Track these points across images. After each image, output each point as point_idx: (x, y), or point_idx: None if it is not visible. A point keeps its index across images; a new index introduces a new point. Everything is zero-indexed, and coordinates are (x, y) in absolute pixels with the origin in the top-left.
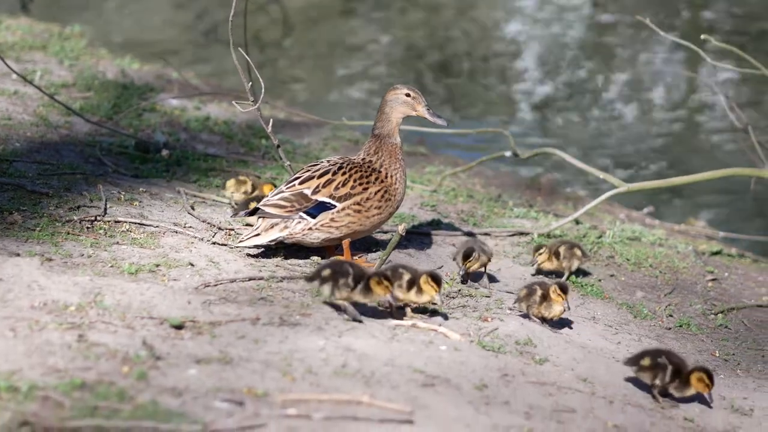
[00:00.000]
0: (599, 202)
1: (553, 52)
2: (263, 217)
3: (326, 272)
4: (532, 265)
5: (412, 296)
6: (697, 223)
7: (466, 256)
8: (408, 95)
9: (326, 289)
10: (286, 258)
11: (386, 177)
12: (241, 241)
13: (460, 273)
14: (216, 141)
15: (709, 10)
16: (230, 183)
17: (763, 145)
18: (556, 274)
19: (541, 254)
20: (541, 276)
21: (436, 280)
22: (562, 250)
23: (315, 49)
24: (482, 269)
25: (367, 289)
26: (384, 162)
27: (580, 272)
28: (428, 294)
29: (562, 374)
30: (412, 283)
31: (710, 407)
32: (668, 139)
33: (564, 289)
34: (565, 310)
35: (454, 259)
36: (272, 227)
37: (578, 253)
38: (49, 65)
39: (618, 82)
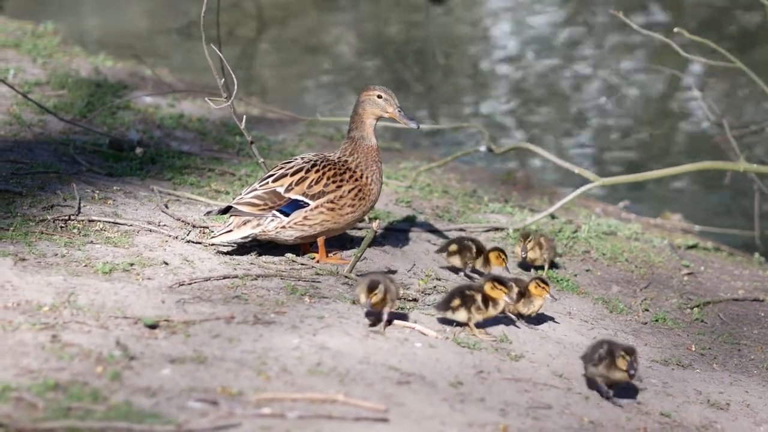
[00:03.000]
0: (574, 197)
1: (529, 47)
2: (237, 216)
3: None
4: (523, 253)
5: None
6: (673, 216)
7: (371, 288)
8: (380, 96)
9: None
10: (260, 256)
11: (361, 177)
12: (213, 237)
13: (365, 309)
14: (190, 138)
15: (683, 5)
16: None
17: (737, 138)
18: (536, 266)
19: (530, 241)
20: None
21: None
22: (543, 240)
23: (289, 44)
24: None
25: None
26: (360, 163)
27: (555, 266)
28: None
29: (538, 370)
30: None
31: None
32: (643, 133)
33: (546, 282)
34: (551, 300)
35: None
36: (245, 224)
37: (553, 244)
38: (23, 63)
39: (594, 76)
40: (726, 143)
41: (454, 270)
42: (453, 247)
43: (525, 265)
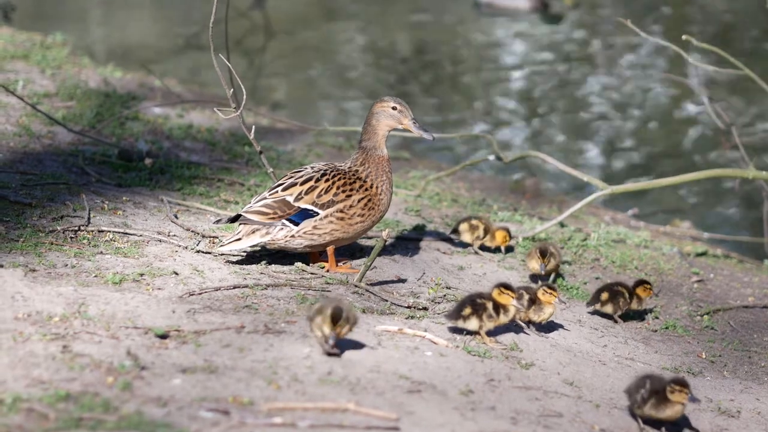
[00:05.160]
0: (584, 205)
1: (536, 54)
2: (246, 224)
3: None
4: (542, 272)
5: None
6: (682, 224)
7: (335, 318)
8: (394, 108)
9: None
10: (270, 265)
11: (371, 186)
12: (222, 246)
13: (329, 343)
14: (199, 149)
15: (690, 11)
16: (464, 227)
17: (746, 145)
18: (543, 277)
19: (548, 258)
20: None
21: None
22: (553, 250)
23: (297, 55)
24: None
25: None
26: (370, 173)
27: (566, 275)
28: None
29: (549, 378)
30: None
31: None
32: (652, 140)
33: (553, 288)
34: (559, 304)
35: (311, 320)
36: (254, 232)
37: (560, 252)
38: (31, 75)
39: (601, 84)
40: (735, 150)
41: (608, 316)
42: (605, 296)
43: (532, 276)
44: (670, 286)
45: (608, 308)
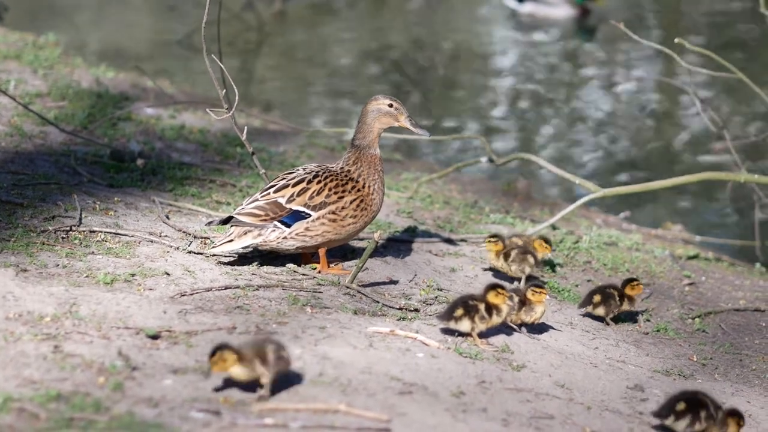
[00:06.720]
0: (575, 207)
1: (528, 57)
2: (238, 226)
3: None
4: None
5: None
6: (674, 227)
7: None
8: (390, 105)
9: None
10: (261, 266)
11: (363, 186)
12: (214, 247)
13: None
14: (191, 150)
15: (683, 15)
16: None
17: (738, 149)
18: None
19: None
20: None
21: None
22: (513, 253)
23: (290, 56)
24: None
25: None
26: (362, 172)
27: (557, 277)
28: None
29: (540, 380)
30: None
31: None
32: (644, 143)
33: (540, 285)
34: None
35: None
36: (246, 233)
37: (530, 260)
38: (24, 74)
39: (593, 86)
40: (727, 153)
41: (600, 319)
42: (597, 298)
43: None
44: (662, 289)
45: (600, 311)
